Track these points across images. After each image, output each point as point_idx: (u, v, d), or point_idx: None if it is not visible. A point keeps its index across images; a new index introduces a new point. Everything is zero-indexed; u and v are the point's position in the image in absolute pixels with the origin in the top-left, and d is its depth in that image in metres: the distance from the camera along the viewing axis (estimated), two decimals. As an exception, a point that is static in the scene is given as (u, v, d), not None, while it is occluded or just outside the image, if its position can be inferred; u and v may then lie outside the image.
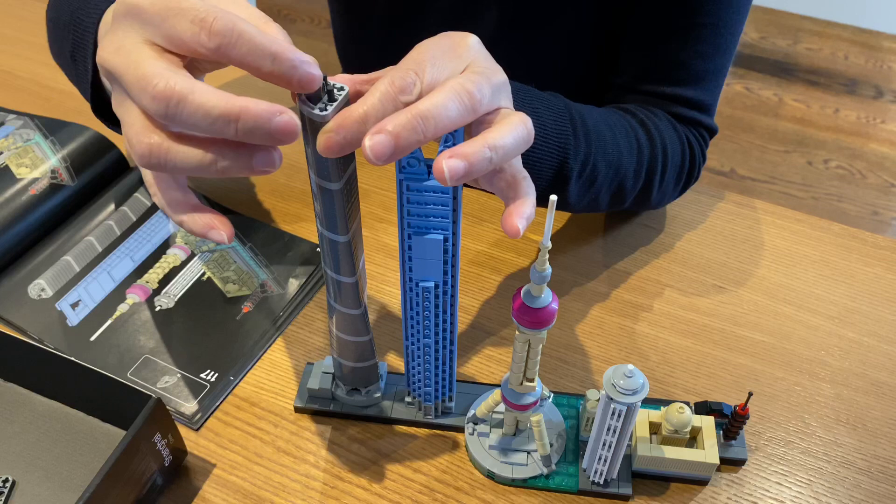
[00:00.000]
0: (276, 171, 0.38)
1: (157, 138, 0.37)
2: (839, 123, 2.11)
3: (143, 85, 0.35)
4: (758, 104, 2.17)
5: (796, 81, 2.26)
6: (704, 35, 0.64)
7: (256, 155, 0.37)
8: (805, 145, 2.03)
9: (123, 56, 0.37)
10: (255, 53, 0.35)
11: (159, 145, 0.37)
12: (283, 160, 0.37)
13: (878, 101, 2.20)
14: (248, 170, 0.37)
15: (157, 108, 0.35)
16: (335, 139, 0.36)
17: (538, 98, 0.56)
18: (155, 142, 0.37)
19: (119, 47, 0.38)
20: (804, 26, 2.50)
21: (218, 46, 0.35)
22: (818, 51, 2.40)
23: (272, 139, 0.35)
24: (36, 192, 0.66)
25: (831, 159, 1.99)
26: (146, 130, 0.37)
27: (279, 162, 0.37)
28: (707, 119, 0.69)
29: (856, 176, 1.94)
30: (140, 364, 0.58)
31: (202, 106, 0.35)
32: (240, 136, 0.35)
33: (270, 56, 0.35)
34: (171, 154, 0.37)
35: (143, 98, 0.35)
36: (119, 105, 0.39)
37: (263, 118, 0.35)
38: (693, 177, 0.68)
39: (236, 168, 0.37)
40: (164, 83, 0.35)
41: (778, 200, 1.85)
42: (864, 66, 2.34)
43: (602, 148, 0.59)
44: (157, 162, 0.37)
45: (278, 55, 0.35)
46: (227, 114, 0.35)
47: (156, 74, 0.35)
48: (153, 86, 0.35)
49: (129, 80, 0.36)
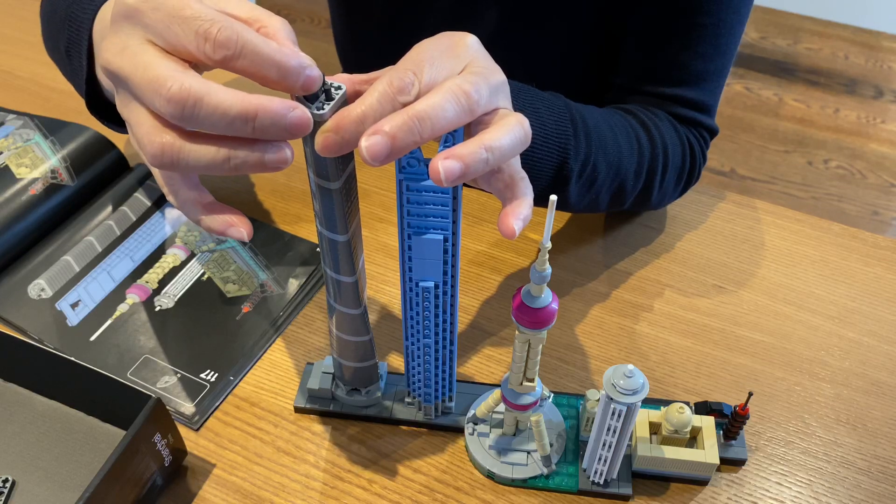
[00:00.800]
0: (288, 166, 0.38)
1: (169, 138, 0.37)
2: (839, 123, 2.11)
3: (155, 87, 0.35)
4: (758, 104, 2.17)
5: (796, 81, 2.26)
6: (705, 36, 0.64)
7: (268, 151, 0.37)
8: (805, 145, 2.03)
9: (129, 58, 0.37)
10: (260, 64, 0.35)
11: (171, 144, 0.37)
12: (294, 156, 0.38)
13: (878, 101, 2.20)
14: (260, 166, 0.37)
15: (172, 110, 0.35)
16: (333, 139, 0.36)
17: (539, 98, 0.56)
18: (167, 141, 0.37)
19: (123, 49, 0.38)
20: (804, 26, 2.50)
21: (223, 58, 0.35)
22: (818, 51, 2.40)
23: (287, 134, 0.36)
24: (36, 192, 0.66)
25: (831, 159, 1.99)
26: (157, 130, 0.37)
27: (291, 157, 0.37)
28: (707, 120, 0.69)
29: (856, 176, 1.94)
30: (140, 364, 0.58)
31: (219, 106, 0.35)
32: (256, 133, 0.35)
33: (275, 66, 0.35)
34: (183, 153, 0.37)
35: (157, 100, 0.35)
36: (125, 106, 0.39)
37: (280, 114, 0.35)
38: (693, 177, 0.68)
39: (249, 165, 0.37)
40: (178, 85, 0.35)
41: (778, 200, 1.85)
42: (864, 66, 2.34)
43: (602, 148, 0.59)
44: (170, 161, 0.37)
45: (282, 65, 0.35)
46: (245, 113, 0.35)
47: (168, 76, 0.35)
48: (167, 88, 0.35)
49: (137, 82, 0.36)
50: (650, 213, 0.72)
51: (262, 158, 0.37)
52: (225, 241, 0.67)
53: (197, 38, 0.35)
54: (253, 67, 0.36)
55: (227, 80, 0.83)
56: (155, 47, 0.37)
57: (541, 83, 0.60)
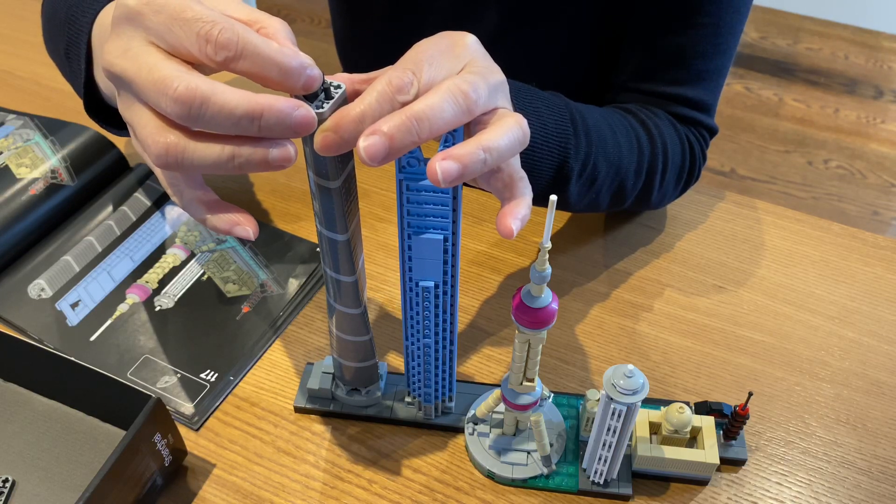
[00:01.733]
0: (292, 165, 0.38)
1: (174, 137, 0.37)
2: (839, 123, 2.11)
3: (161, 88, 0.35)
4: (758, 104, 2.17)
5: (796, 81, 2.26)
6: (704, 35, 0.64)
7: (272, 149, 0.37)
8: (805, 145, 2.03)
9: (132, 59, 0.37)
10: (261, 65, 0.36)
11: (175, 144, 0.37)
12: (298, 154, 0.38)
13: (878, 101, 2.20)
14: (264, 164, 0.37)
15: (178, 110, 0.35)
16: (332, 138, 0.36)
17: (539, 97, 0.56)
18: (171, 141, 0.37)
19: (126, 50, 0.38)
20: (804, 26, 2.51)
21: (224, 59, 0.35)
22: (818, 51, 2.40)
23: (293, 133, 0.36)
24: (36, 191, 0.66)
25: (831, 159, 1.99)
26: (161, 130, 0.37)
27: (295, 155, 0.37)
28: (707, 119, 0.69)
29: (856, 176, 1.94)
30: (140, 364, 0.58)
31: (225, 106, 0.35)
32: (262, 132, 0.36)
33: (276, 66, 0.36)
34: (187, 153, 0.37)
35: (162, 100, 0.35)
36: (127, 108, 0.39)
37: (285, 113, 0.35)
38: (693, 177, 0.68)
39: (254, 163, 0.37)
40: (184, 85, 0.35)
41: (778, 200, 1.85)
42: (864, 66, 2.34)
43: (603, 147, 0.59)
44: (175, 161, 0.37)
45: (283, 65, 0.36)
46: (251, 112, 0.35)
47: (174, 77, 0.35)
48: (173, 88, 0.35)
49: (142, 83, 0.36)
50: (650, 213, 0.72)
51: (267, 156, 0.37)
52: (225, 240, 0.67)
53: (199, 40, 0.35)
54: (254, 68, 0.36)
55: (227, 80, 0.83)
56: (158, 49, 0.37)
57: (541, 82, 0.60)
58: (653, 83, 0.67)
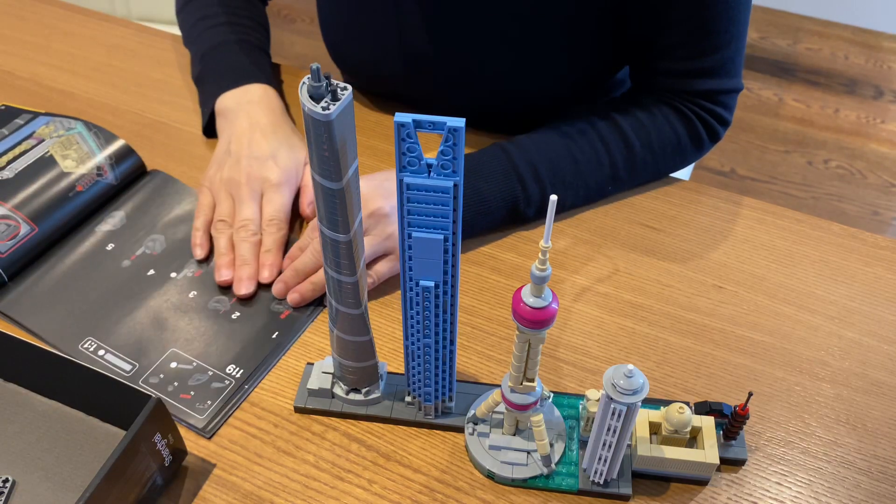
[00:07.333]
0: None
1: None
2: (839, 123, 2.11)
3: None
4: (758, 104, 2.17)
5: (796, 81, 2.26)
6: (717, 8, 0.66)
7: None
8: (805, 145, 2.03)
9: None
10: None
11: None
12: None
13: (878, 101, 2.20)
14: None
15: None
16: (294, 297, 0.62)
17: (480, 176, 0.66)
18: None
19: None
20: (804, 26, 2.50)
21: None
22: (818, 51, 2.39)
23: None
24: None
25: (831, 159, 1.99)
26: None
27: None
28: (724, 83, 0.71)
29: (856, 176, 1.94)
30: (140, 364, 0.58)
31: None
32: None
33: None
34: None
35: None
36: None
37: None
38: (704, 144, 0.74)
39: None
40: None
41: (778, 200, 1.85)
42: (864, 66, 2.34)
43: (561, 180, 0.68)
44: None
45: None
46: None
47: None
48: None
49: None
50: (650, 212, 0.72)
51: None
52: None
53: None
54: None
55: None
56: None
57: (545, 73, 0.72)
58: (669, 61, 0.70)
